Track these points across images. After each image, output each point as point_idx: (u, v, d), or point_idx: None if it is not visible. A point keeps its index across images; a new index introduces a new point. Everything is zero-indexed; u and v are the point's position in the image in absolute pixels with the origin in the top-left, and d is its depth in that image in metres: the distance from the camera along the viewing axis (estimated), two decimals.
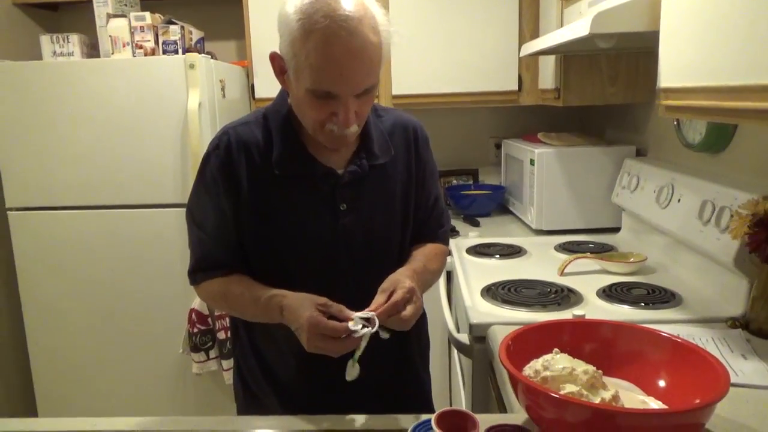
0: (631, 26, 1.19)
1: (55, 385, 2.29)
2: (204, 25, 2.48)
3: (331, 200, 1.08)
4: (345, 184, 1.08)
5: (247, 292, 1.06)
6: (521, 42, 2.29)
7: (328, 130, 1.00)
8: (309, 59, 0.92)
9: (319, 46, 0.91)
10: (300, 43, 0.92)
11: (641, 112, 2.14)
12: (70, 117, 2.10)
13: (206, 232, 1.11)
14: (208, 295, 1.16)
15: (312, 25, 0.90)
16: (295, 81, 0.98)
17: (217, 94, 2.16)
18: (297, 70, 0.95)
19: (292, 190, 1.07)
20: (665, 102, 1.08)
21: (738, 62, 0.84)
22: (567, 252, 1.86)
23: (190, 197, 1.14)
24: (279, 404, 1.16)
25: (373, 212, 1.11)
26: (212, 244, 1.11)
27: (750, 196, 1.26)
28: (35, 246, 2.19)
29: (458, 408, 0.85)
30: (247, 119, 1.12)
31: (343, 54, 0.91)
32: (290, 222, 1.07)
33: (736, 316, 1.27)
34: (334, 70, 0.92)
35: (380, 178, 1.12)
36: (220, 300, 1.15)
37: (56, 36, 2.27)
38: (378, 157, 1.12)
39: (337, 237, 1.08)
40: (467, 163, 2.84)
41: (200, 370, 2.15)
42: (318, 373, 1.09)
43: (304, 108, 1.00)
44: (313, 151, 1.08)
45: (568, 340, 0.96)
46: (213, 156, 1.08)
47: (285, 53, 0.97)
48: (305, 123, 1.04)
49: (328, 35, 0.90)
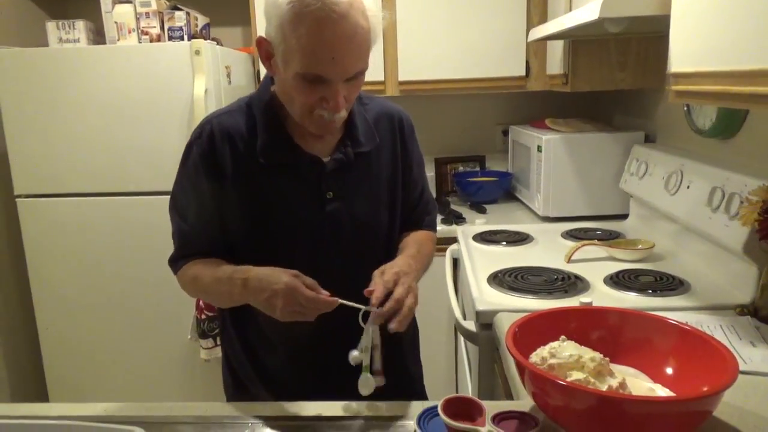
0: (642, 10, 1.17)
1: (66, 371, 2.32)
2: (209, 11, 2.47)
3: (317, 188, 1.08)
4: (330, 172, 1.08)
5: (210, 272, 1.07)
6: (529, 27, 2.27)
7: (317, 116, 1.00)
8: (300, 42, 0.91)
9: (311, 29, 0.90)
10: (290, 26, 0.91)
11: (650, 98, 2.12)
12: (76, 104, 2.10)
13: (187, 221, 1.12)
14: (184, 282, 1.15)
15: (303, 9, 0.90)
16: (283, 65, 0.97)
17: (222, 80, 2.16)
18: (286, 54, 0.94)
19: (277, 178, 1.06)
20: (675, 87, 1.06)
21: (750, 46, 0.83)
22: (574, 239, 1.86)
23: (174, 187, 1.14)
24: (268, 394, 1.15)
25: (359, 200, 1.11)
26: (193, 234, 1.12)
27: (760, 182, 1.24)
28: (44, 233, 2.21)
29: (465, 395, 0.85)
30: (230, 108, 1.11)
31: (334, 38, 0.91)
32: (276, 211, 1.07)
33: (745, 304, 1.26)
34: (325, 53, 0.92)
35: (366, 166, 1.12)
36: (191, 285, 1.13)
37: (62, 22, 2.27)
38: (363, 145, 1.11)
39: (324, 225, 1.08)
40: (474, 149, 2.83)
41: (208, 356, 2.17)
42: (307, 362, 1.12)
43: (293, 93, 0.99)
44: (298, 139, 1.07)
45: (575, 328, 0.96)
46: (195, 145, 1.08)
47: (273, 37, 0.96)
48: (292, 109, 1.03)
49: (320, 18, 0.90)
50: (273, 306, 0.93)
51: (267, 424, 0.95)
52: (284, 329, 0.97)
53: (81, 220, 2.18)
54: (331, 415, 0.96)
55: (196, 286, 1.12)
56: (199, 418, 0.98)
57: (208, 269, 1.08)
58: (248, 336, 1.18)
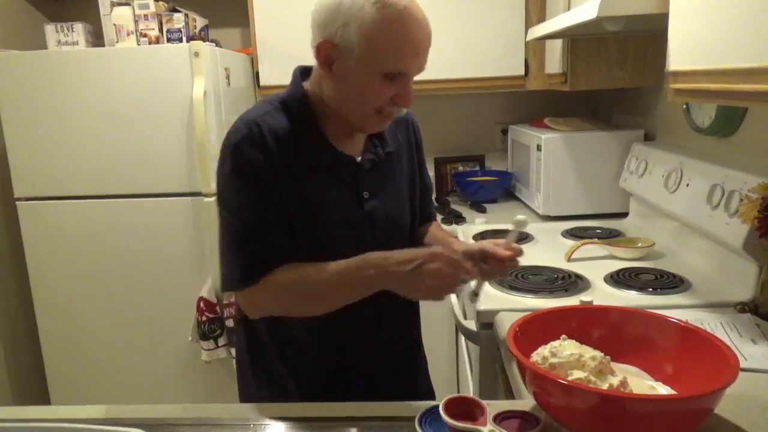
0: (640, 8, 1.17)
1: (67, 374, 2.32)
2: (208, 12, 2.47)
3: (354, 188, 1.10)
4: (366, 172, 1.11)
5: (315, 271, 1.02)
6: (528, 26, 2.27)
7: (387, 113, 1.05)
8: (390, 41, 0.97)
9: (401, 28, 0.97)
10: (378, 26, 0.96)
11: (650, 96, 2.12)
12: (75, 106, 2.10)
13: (254, 226, 1.04)
14: (272, 291, 1.04)
15: (391, 9, 0.96)
16: (358, 67, 0.99)
17: (222, 82, 2.16)
18: (366, 55, 0.97)
19: (319, 179, 1.07)
20: (674, 85, 1.07)
21: (748, 44, 0.83)
22: (574, 238, 1.86)
23: (225, 194, 1.06)
24: (293, 384, 1.16)
25: (389, 198, 1.15)
26: (263, 239, 1.04)
27: (760, 179, 1.24)
28: (44, 236, 2.21)
29: (466, 395, 0.85)
30: (266, 109, 1.08)
31: (419, 32, 0.99)
32: (321, 211, 1.07)
33: (745, 301, 1.26)
34: (411, 49, 0.99)
35: (392, 165, 1.17)
36: (290, 289, 1.03)
37: (60, 25, 2.27)
38: (389, 145, 1.16)
39: (364, 224, 1.10)
40: (473, 149, 2.83)
41: (209, 358, 2.17)
42: (335, 366, 1.14)
43: (366, 93, 1.02)
44: (332, 140, 1.09)
45: (575, 327, 0.96)
46: (246, 146, 1.03)
47: (347, 41, 0.97)
48: (358, 108, 1.04)
49: (407, 18, 0.97)
50: (418, 276, 0.94)
51: (267, 425, 0.95)
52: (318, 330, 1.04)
53: (81, 223, 2.18)
54: (332, 416, 0.96)
55: (299, 289, 1.03)
56: (200, 419, 0.98)
57: (312, 268, 1.02)
58: (280, 338, 1.16)
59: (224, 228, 1.06)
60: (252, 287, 1.03)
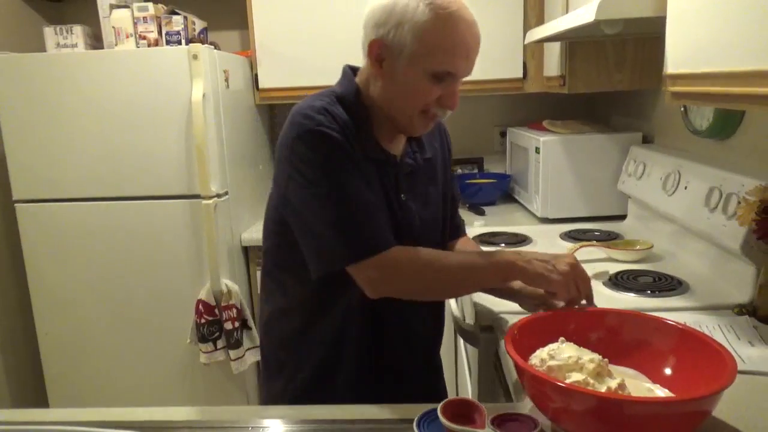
0: (638, 11, 1.18)
1: (65, 376, 2.32)
2: (207, 15, 2.47)
3: (395, 188, 1.12)
4: (405, 175, 1.13)
5: (465, 259, 1.10)
6: (526, 29, 2.27)
7: (432, 114, 1.07)
8: (443, 41, 0.99)
9: (454, 29, 0.99)
10: (431, 27, 0.98)
11: (648, 99, 2.12)
12: (74, 109, 2.10)
13: (364, 202, 1.02)
14: (398, 267, 1.02)
15: (444, 11, 0.99)
16: (408, 66, 1.01)
17: (221, 84, 2.16)
18: (417, 54, 1.00)
19: (369, 173, 1.08)
20: (672, 88, 1.07)
21: (746, 47, 0.83)
22: (573, 240, 1.86)
23: (317, 177, 1.01)
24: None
25: (424, 203, 1.17)
26: (375, 213, 1.03)
27: (757, 182, 1.25)
28: (42, 238, 2.21)
29: (464, 397, 0.86)
30: (326, 100, 1.06)
31: (471, 37, 1.02)
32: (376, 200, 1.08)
33: (743, 303, 1.26)
34: (463, 50, 1.01)
35: (427, 171, 1.19)
36: (424, 266, 1.03)
37: (60, 27, 2.27)
38: (426, 152, 1.19)
39: (401, 223, 1.11)
40: (472, 151, 2.83)
41: (208, 360, 2.17)
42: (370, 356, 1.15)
43: (414, 92, 1.04)
44: (379, 139, 1.11)
45: (573, 329, 0.96)
46: (326, 130, 1.01)
47: (399, 40, 1.00)
48: (404, 107, 1.06)
49: (460, 19, 1.00)
50: (554, 267, 1.02)
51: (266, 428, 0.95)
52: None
53: (80, 225, 2.18)
54: (331, 419, 0.96)
55: (435, 265, 1.04)
56: (199, 422, 0.97)
57: (435, 252, 1.07)
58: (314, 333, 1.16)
59: (320, 208, 1.01)
60: (371, 261, 1.00)
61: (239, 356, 2.18)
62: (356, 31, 1.07)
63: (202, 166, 2.05)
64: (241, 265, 2.32)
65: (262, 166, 2.66)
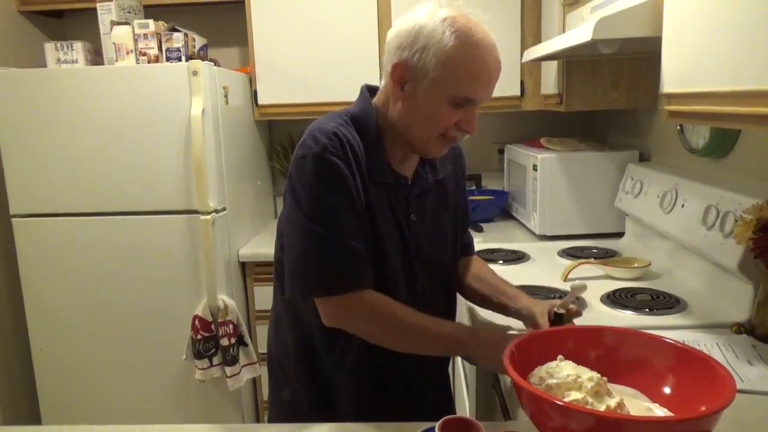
0: (634, 32, 1.19)
1: (59, 392, 2.29)
2: (207, 32, 2.49)
3: (405, 210, 1.12)
4: (415, 196, 1.14)
5: (423, 323, 1.05)
6: (523, 48, 2.29)
7: (450, 137, 1.07)
8: (464, 68, 1.00)
9: (479, 56, 1.01)
10: (455, 54, 0.99)
11: (644, 117, 2.14)
12: (74, 124, 2.11)
13: (340, 232, 1.03)
14: (365, 312, 1.05)
15: (469, 38, 1.00)
16: (429, 90, 1.02)
17: (220, 100, 2.17)
18: (440, 79, 1.01)
19: (380, 195, 1.09)
20: (668, 107, 1.08)
21: (741, 67, 0.84)
22: (571, 257, 1.86)
23: (306, 202, 1.03)
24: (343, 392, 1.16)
25: (434, 225, 1.17)
26: (349, 244, 1.03)
27: (754, 200, 1.25)
28: (39, 253, 2.20)
29: (463, 416, 0.85)
30: (340, 121, 1.08)
31: (494, 63, 1.03)
32: (382, 225, 1.09)
33: (741, 322, 1.26)
34: (484, 78, 1.03)
35: (440, 192, 1.20)
36: (386, 323, 1.05)
37: (60, 43, 2.29)
38: (438, 172, 1.19)
39: (411, 245, 1.13)
40: (470, 168, 2.80)
41: (203, 377, 2.15)
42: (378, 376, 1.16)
43: (434, 116, 1.04)
44: (390, 161, 1.11)
45: (572, 347, 0.96)
46: (328, 155, 1.02)
47: (423, 63, 1.01)
48: (423, 130, 1.07)
49: (485, 47, 1.01)
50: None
51: None
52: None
53: (77, 240, 2.18)
54: None
55: (390, 330, 1.06)
56: None
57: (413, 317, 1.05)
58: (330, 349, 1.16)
59: (305, 235, 1.03)
60: (338, 299, 1.03)
61: (235, 373, 2.16)
62: (355, 49, 1.08)
63: (201, 182, 2.06)
64: (239, 281, 2.31)
65: (260, 182, 2.66)
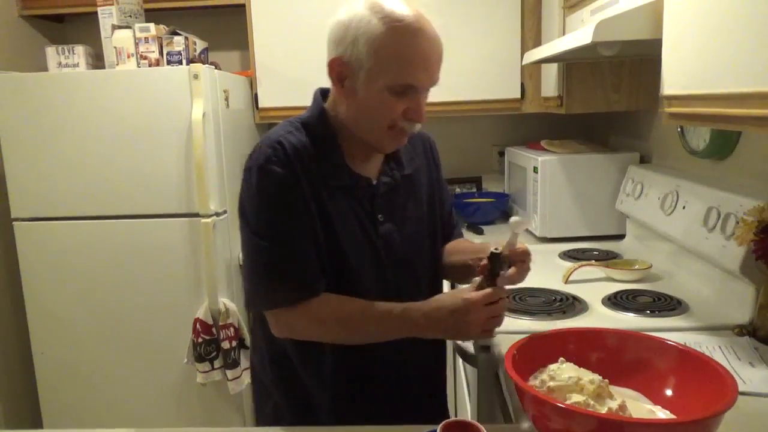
0: (634, 34, 1.19)
1: (60, 396, 2.29)
2: (208, 35, 2.49)
3: (370, 211, 1.10)
4: (381, 195, 1.12)
5: (367, 309, 1.03)
6: (523, 50, 2.30)
7: (399, 128, 1.04)
8: (398, 53, 0.97)
9: (409, 40, 0.97)
10: (385, 40, 0.96)
11: (645, 119, 2.14)
12: (75, 128, 2.11)
13: (295, 248, 1.03)
14: (316, 319, 1.04)
15: (398, 22, 0.96)
16: (367, 82, 1.00)
17: (221, 104, 2.17)
18: (374, 69, 0.98)
19: (338, 201, 1.07)
20: (669, 109, 1.08)
21: (742, 69, 0.84)
22: (571, 259, 1.86)
23: (252, 217, 1.05)
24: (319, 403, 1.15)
25: (405, 221, 1.15)
26: (305, 261, 1.03)
27: (755, 202, 1.25)
28: (40, 256, 2.20)
29: (464, 418, 0.85)
30: (288, 128, 1.08)
31: (428, 47, 0.99)
32: (341, 233, 1.06)
33: (743, 324, 1.26)
34: (420, 62, 0.98)
35: (409, 187, 1.17)
36: (333, 322, 1.05)
37: (62, 47, 2.29)
38: (405, 167, 1.16)
39: (379, 246, 1.10)
40: (470, 171, 2.84)
41: (205, 380, 2.15)
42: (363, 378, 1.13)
43: (377, 109, 1.02)
44: (349, 162, 1.09)
45: (573, 350, 0.96)
46: (270, 165, 1.02)
47: (357, 57, 0.98)
48: (370, 126, 1.05)
49: (416, 30, 0.97)
50: (465, 325, 0.97)
51: None
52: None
53: (78, 244, 2.18)
54: None
55: (342, 322, 1.05)
56: None
57: (354, 305, 1.04)
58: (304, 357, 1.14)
59: (251, 249, 1.05)
60: (290, 310, 1.03)
61: (236, 376, 2.16)
62: None
63: (202, 185, 2.06)
64: (240, 284, 2.31)
65: None
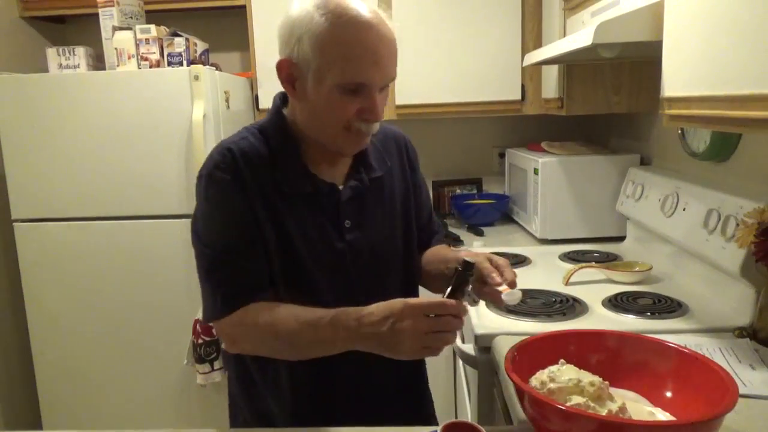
0: (634, 36, 1.19)
1: (60, 397, 2.29)
2: (208, 36, 2.49)
3: (335, 217, 1.05)
4: (347, 201, 1.06)
5: (300, 314, 0.94)
6: (524, 52, 2.30)
7: (354, 130, 0.98)
8: (342, 51, 0.92)
9: (353, 36, 0.92)
10: (329, 37, 0.92)
11: (645, 121, 2.14)
12: (75, 129, 2.11)
13: (232, 256, 0.99)
14: (242, 331, 0.99)
15: (340, 18, 0.92)
16: (316, 83, 0.95)
17: (221, 105, 2.17)
18: (322, 68, 0.94)
19: (297, 208, 1.03)
20: (669, 111, 1.08)
21: (742, 71, 0.84)
22: (572, 261, 1.86)
23: (199, 223, 1.03)
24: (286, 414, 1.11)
25: (375, 226, 1.09)
26: (242, 270, 0.99)
27: (756, 204, 1.25)
28: (40, 257, 2.20)
29: (464, 420, 0.85)
30: (242, 135, 1.05)
31: (376, 41, 0.93)
32: (300, 241, 1.02)
33: (744, 326, 1.26)
34: (368, 58, 0.93)
35: (379, 191, 1.11)
36: (260, 333, 0.97)
37: (62, 48, 2.29)
38: (375, 170, 1.11)
39: (345, 254, 1.05)
40: (471, 172, 2.84)
41: (204, 381, 2.15)
42: (331, 384, 1.08)
43: (327, 110, 0.97)
44: (312, 167, 1.05)
45: (574, 351, 0.96)
46: (218, 173, 0.99)
47: (303, 56, 0.94)
48: (324, 129, 1.00)
49: (360, 24, 0.92)
50: (400, 334, 0.85)
51: None
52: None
53: (78, 245, 2.18)
54: None
55: (274, 331, 0.96)
56: None
57: (287, 311, 0.96)
58: (263, 371, 1.11)
59: (198, 257, 1.03)
60: (228, 320, 0.98)
61: None
62: None
63: None
64: None
65: None
